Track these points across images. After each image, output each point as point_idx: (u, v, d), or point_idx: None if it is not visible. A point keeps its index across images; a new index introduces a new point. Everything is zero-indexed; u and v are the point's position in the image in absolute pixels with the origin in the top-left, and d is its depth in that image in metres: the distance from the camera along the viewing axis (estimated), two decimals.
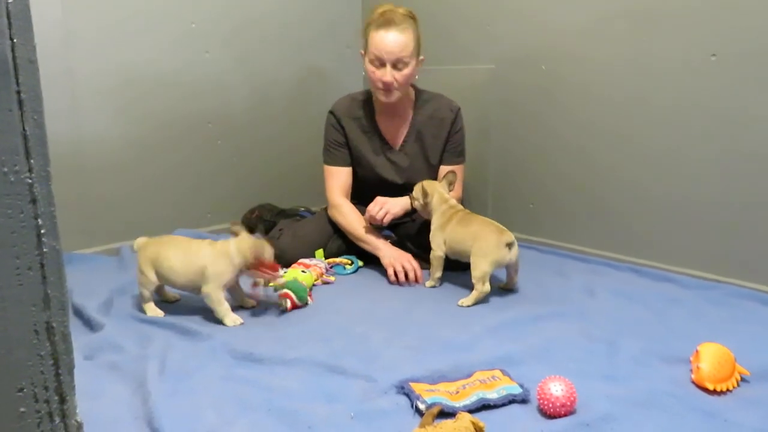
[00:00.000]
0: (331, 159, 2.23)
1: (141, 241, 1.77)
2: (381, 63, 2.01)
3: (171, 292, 1.85)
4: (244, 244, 1.68)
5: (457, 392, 1.25)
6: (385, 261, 2.04)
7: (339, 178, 2.21)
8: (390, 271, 2.01)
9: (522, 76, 2.37)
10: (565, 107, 2.26)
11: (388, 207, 2.08)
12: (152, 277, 1.70)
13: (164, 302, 1.83)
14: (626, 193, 2.14)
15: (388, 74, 2.01)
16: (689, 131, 1.95)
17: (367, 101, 2.22)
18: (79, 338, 1.53)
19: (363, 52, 2.10)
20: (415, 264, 2.02)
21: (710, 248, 1.94)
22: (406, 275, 2.00)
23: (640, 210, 2.10)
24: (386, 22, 1.99)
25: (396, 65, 2.01)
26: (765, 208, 1.81)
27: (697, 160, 1.94)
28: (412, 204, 2.07)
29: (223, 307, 1.67)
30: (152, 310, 1.73)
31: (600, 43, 2.13)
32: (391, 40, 1.98)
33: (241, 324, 1.66)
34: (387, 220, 2.07)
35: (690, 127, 1.94)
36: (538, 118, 2.35)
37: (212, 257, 1.67)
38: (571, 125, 2.26)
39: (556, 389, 1.18)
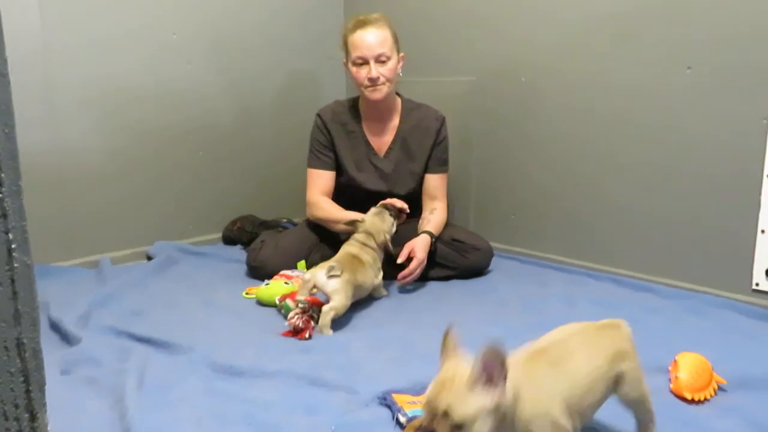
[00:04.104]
0: (314, 162, 2.22)
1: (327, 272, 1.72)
2: (364, 61, 2.04)
3: None
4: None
5: None
6: None
7: (320, 181, 2.20)
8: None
9: (502, 88, 2.40)
10: (545, 119, 2.29)
11: (415, 261, 1.97)
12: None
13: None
14: (605, 205, 2.16)
15: (373, 70, 2.03)
16: (666, 144, 1.97)
17: (354, 107, 2.23)
18: (56, 352, 1.51)
19: (345, 61, 2.13)
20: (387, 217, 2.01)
21: (688, 258, 1.97)
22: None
23: (619, 221, 2.13)
24: (361, 23, 2.06)
25: (378, 59, 2.04)
26: (741, 220, 1.84)
27: (674, 172, 1.97)
28: None
29: None
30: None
31: (577, 56, 2.16)
32: (370, 36, 2.03)
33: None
34: (417, 269, 1.99)
35: (666, 139, 1.97)
36: (518, 129, 2.38)
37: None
38: (550, 137, 2.28)
39: None
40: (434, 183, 2.23)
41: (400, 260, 1.97)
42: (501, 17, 2.37)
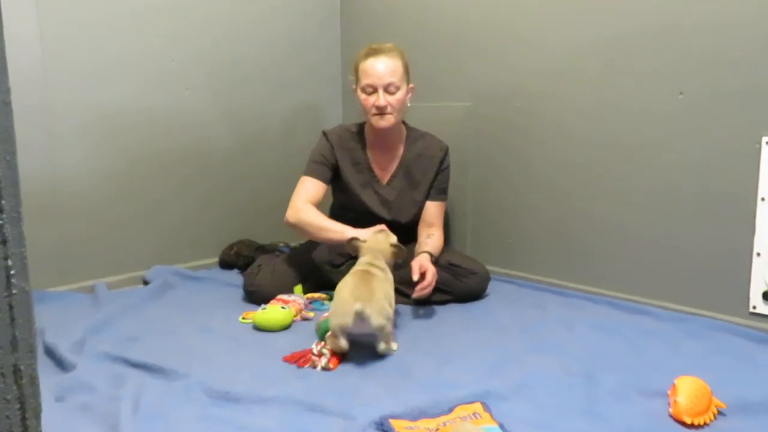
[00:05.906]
0: (310, 170, 2.15)
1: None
2: (373, 89, 2.05)
3: None
4: None
5: (438, 429, 1.23)
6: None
7: (311, 190, 2.12)
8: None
9: (497, 113, 2.42)
10: (540, 144, 2.31)
11: (429, 272, 1.94)
12: None
13: None
14: (601, 228, 2.17)
15: (381, 98, 2.04)
16: (660, 168, 1.99)
17: (360, 133, 2.23)
18: (50, 379, 1.49)
19: (354, 86, 2.14)
20: (391, 235, 1.90)
21: (684, 281, 1.97)
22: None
23: (616, 244, 2.13)
24: (374, 51, 2.06)
25: (387, 89, 2.04)
26: (737, 243, 1.85)
27: (669, 196, 1.98)
28: None
29: None
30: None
31: (571, 82, 2.19)
32: (381, 65, 2.03)
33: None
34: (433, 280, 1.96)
35: (661, 163, 1.99)
36: (514, 154, 2.39)
37: None
38: (546, 162, 2.30)
39: None
40: (432, 210, 2.24)
41: (415, 277, 1.92)
42: (495, 44, 2.41)
